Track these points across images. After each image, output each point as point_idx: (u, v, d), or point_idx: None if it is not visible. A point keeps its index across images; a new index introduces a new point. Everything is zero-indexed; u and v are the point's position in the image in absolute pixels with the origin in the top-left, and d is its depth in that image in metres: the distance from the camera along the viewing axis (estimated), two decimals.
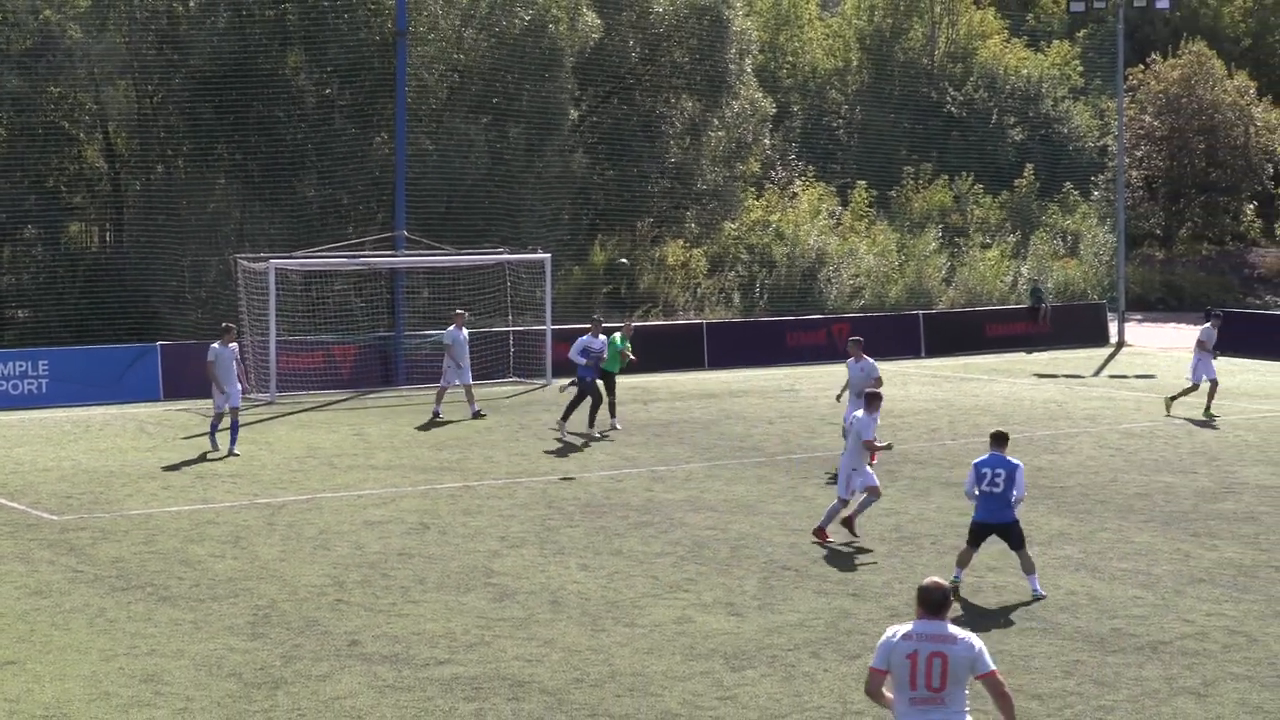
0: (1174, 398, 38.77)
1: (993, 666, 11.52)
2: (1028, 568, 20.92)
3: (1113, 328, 56.62)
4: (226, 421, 32.13)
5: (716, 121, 58.39)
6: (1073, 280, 63.44)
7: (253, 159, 48.36)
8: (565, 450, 32.92)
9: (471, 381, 38.24)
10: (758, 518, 25.94)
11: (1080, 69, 79.13)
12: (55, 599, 20.71)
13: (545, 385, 42.81)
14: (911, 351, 51.58)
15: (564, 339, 44.21)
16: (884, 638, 11.68)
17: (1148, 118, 71.97)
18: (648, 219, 58.28)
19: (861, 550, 23.47)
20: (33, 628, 19.33)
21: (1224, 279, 69.70)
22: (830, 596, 20.77)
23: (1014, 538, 20.87)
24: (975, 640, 11.59)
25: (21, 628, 19.32)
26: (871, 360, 29.88)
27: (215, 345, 31.75)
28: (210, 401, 32.54)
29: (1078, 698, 16.80)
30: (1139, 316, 62.09)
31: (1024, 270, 62.77)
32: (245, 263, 42.11)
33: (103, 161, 49.79)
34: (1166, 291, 68.45)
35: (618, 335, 36.70)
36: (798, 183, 65.53)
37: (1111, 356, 52.17)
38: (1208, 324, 40.01)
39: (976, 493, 20.86)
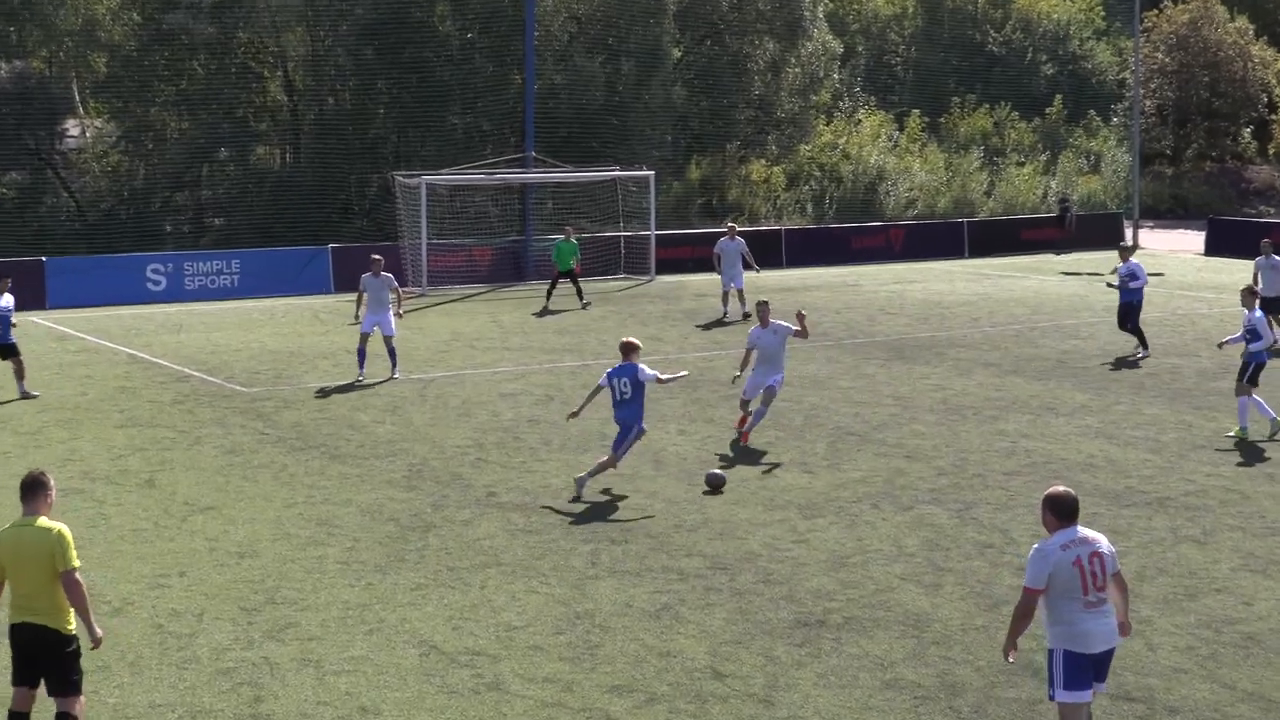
0: None
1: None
2: None
3: (1128, 233, 55.71)
4: (380, 347, 26.96)
5: (793, 60, 57.72)
6: (1094, 193, 62.45)
7: (407, 92, 48.31)
8: (663, 336, 32.80)
9: (743, 285, 35.91)
10: (826, 391, 25.79)
11: (1102, 14, 77.44)
12: (245, 456, 20.93)
13: (649, 281, 42.56)
14: (957, 253, 50.89)
15: (666, 244, 44.04)
16: (1037, 554, 10.06)
17: (1160, 55, 70.30)
18: (735, 142, 57.85)
19: (914, 420, 23.31)
20: (228, 480, 19.55)
21: (1224, 192, 68.17)
22: (888, 458, 20.63)
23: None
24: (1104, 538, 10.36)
25: (219, 480, 19.55)
26: (784, 322, 22.67)
27: (365, 275, 27.13)
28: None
29: None
30: (1150, 224, 60.96)
31: (1053, 185, 61.77)
32: (401, 179, 42.13)
33: (283, 95, 49.96)
34: (1174, 203, 67.06)
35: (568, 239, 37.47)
36: (861, 111, 64.62)
37: None
38: None
39: None
